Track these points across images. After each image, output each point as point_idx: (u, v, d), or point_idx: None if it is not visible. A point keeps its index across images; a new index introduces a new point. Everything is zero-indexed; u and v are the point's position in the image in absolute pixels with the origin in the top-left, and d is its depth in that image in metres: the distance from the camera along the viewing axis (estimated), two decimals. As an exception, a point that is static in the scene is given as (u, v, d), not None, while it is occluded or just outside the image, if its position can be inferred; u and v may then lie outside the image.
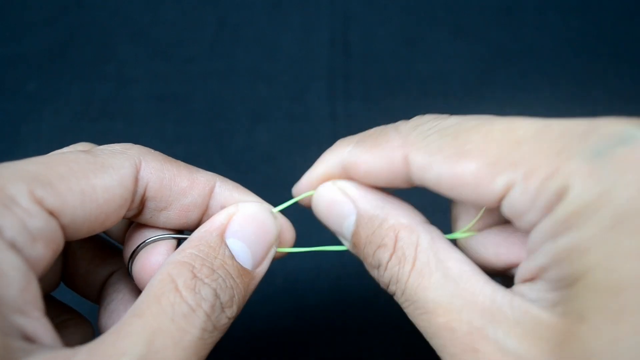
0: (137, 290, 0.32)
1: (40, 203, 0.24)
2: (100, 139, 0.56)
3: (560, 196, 0.22)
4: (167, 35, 0.63)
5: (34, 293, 0.24)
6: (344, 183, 0.30)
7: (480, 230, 0.29)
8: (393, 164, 0.28)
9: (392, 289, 0.27)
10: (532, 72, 0.61)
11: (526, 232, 0.25)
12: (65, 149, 0.30)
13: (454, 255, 0.26)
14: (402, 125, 0.29)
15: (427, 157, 0.26)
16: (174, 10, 0.65)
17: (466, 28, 0.63)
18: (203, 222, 0.31)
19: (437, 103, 0.58)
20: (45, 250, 0.24)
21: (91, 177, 0.26)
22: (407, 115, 0.36)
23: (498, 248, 0.28)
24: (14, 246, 0.23)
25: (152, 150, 0.30)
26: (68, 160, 0.26)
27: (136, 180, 0.28)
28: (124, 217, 0.29)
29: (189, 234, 0.31)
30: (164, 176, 0.29)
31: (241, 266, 0.28)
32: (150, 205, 0.30)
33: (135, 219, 0.31)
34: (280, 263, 0.37)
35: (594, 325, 0.21)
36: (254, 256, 0.29)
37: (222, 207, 0.31)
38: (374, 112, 0.58)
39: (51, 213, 0.25)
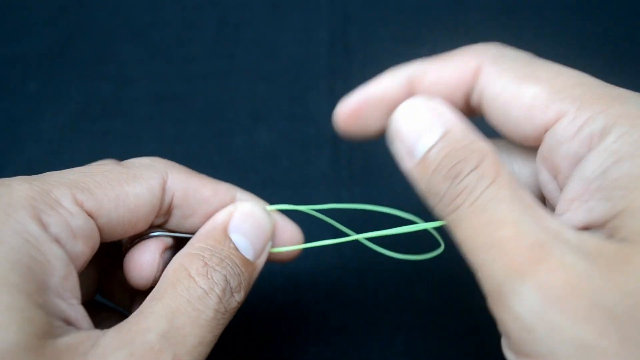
0: None
1: (81, 205, 0.28)
2: (100, 139, 0.56)
3: (604, 132, 0.25)
4: (167, 35, 0.63)
5: (73, 283, 0.27)
6: (437, 100, 0.30)
7: None
8: (464, 72, 0.30)
9: (459, 200, 0.27)
10: (532, 72, 0.60)
11: (554, 168, 0.27)
12: (98, 162, 0.33)
13: (528, 192, 0.27)
14: (481, 44, 0.31)
15: (499, 71, 0.29)
16: (174, 10, 0.65)
17: (466, 28, 0.63)
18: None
19: (437, 103, 0.58)
20: (84, 247, 0.28)
21: (124, 185, 0.30)
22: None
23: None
24: (58, 241, 0.27)
25: (178, 164, 0.33)
26: (104, 171, 0.30)
27: (163, 190, 0.32)
28: (153, 225, 0.33)
29: (186, 234, 0.33)
30: (189, 186, 0.33)
31: (244, 257, 0.31)
32: (176, 212, 0.33)
33: (163, 226, 0.34)
34: (280, 263, 0.37)
35: None
36: (254, 248, 0.32)
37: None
38: (374, 112, 0.58)
39: (90, 215, 0.29)
